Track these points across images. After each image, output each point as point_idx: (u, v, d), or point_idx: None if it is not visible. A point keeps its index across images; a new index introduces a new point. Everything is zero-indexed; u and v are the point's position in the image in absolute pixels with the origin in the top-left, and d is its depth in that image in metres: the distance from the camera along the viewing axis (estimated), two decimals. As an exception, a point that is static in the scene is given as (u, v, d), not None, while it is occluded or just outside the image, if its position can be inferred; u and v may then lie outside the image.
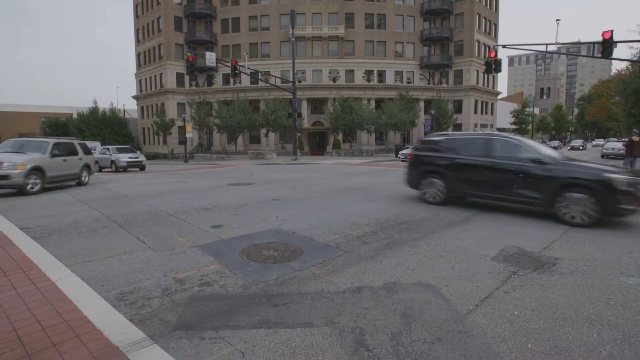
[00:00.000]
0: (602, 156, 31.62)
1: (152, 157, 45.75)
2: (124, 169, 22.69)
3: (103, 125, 46.99)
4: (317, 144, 47.11)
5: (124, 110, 56.51)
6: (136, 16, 53.33)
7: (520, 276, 4.12)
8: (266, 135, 41.82)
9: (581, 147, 51.99)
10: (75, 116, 50.44)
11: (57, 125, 50.47)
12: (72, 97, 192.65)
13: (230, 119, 38.38)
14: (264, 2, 47.54)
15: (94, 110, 48.18)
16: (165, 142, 46.49)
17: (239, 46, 47.77)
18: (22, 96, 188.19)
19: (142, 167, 23.58)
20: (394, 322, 3.09)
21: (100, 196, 10.73)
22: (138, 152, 27.15)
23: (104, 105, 51.26)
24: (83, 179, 13.91)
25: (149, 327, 3.03)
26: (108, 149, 24.39)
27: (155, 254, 4.98)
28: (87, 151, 14.51)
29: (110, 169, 23.28)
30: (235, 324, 3.08)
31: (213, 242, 5.54)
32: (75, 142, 14.06)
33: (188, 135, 37.81)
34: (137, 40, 53.38)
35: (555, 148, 53.15)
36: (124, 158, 22.58)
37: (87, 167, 14.20)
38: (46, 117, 53.79)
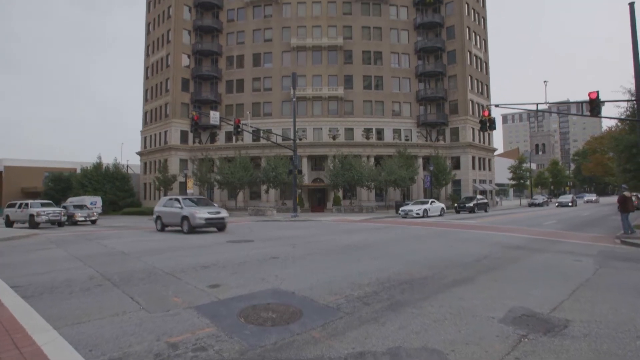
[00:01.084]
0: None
1: (151, 212, 45.68)
2: (199, 229, 16.34)
3: (105, 181, 47.53)
4: (318, 200, 47.21)
5: (127, 166, 57.45)
6: (146, 77, 56.16)
7: (530, 340, 3.91)
8: (267, 191, 42.08)
9: (570, 204, 45.00)
10: (79, 171, 51.18)
11: (59, 180, 51.06)
12: (78, 153, 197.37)
13: (232, 175, 38.85)
14: (267, 65, 50.30)
15: (98, 166, 49.06)
16: (165, 198, 46.62)
17: (242, 105, 49.74)
18: (27, 150, 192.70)
19: (222, 227, 16.97)
20: (400, 393, 2.89)
21: (97, 253, 10.56)
22: (216, 204, 20.96)
23: (108, 160, 52.10)
24: None
25: (137, 398, 2.83)
26: (178, 200, 17.61)
27: (149, 315, 4.78)
28: None
29: (178, 228, 17.09)
30: (229, 395, 2.87)
31: (210, 302, 5.34)
32: None
33: (189, 191, 38.03)
34: (145, 100, 55.67)
35: (539, 205, 48.98)
36: (202, 214, 16.02)
37: None
38: (50, 171, 54.56)
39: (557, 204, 46.53)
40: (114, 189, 47.51)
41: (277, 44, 50.12)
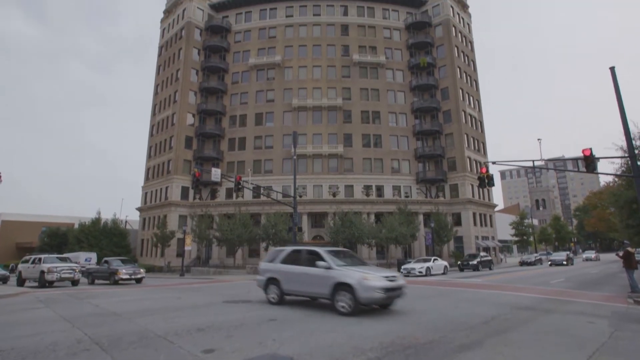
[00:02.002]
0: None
1: (148, 269, 44.63)
2: (367, 305, 9.60)
3: (102, 236, 46.93)
4: (318, 257, 46.23)
5: (126, 222, 57.11)
6: (150, 135, 57.75)
7: (549, 415, 3.59)
8: (266, 249, 41.31)
9: (565, 262, 39.20)
10: (76, 226, 50.75)
11: (56, 235, 50.46)
12: (79, 208, 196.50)
13: (231, 232, 38.43)
14: (268, 124, 52.01)
15: (96, 221, 48.70)
16: (162, 255, 45.75)
17: (244, 162, 50.63)
18: (27, 205, 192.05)
19: (392, 302, 10.10)
20: None
21: (87, 313, 10.11)
22: (368, 262, 17.23)
23: (107, 215, 51.87)
24: None
25: None
26: (318, 254, 10.49)
27: (136, 384, 4.45)
28: None
29: (326, 299, 9.92)
30: None
31: (202, 369, 5.00)
32: None
33: (187, 247, 37.44)
34: (149, 156, 56.74)
35: (531, 264, 44.25)
36: (378, 280, 9.22)
37: None
38: (47, 226, 54.11)
39: (549, 263, 41.19)
40: (110, 245, 46.77)
41: (279, 104, 52.23)
